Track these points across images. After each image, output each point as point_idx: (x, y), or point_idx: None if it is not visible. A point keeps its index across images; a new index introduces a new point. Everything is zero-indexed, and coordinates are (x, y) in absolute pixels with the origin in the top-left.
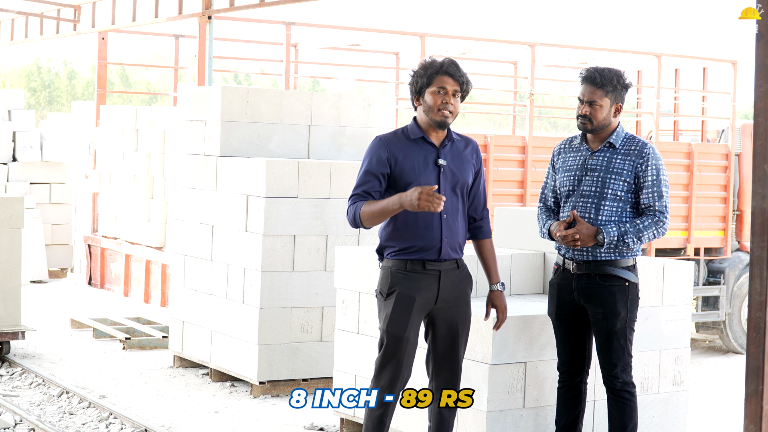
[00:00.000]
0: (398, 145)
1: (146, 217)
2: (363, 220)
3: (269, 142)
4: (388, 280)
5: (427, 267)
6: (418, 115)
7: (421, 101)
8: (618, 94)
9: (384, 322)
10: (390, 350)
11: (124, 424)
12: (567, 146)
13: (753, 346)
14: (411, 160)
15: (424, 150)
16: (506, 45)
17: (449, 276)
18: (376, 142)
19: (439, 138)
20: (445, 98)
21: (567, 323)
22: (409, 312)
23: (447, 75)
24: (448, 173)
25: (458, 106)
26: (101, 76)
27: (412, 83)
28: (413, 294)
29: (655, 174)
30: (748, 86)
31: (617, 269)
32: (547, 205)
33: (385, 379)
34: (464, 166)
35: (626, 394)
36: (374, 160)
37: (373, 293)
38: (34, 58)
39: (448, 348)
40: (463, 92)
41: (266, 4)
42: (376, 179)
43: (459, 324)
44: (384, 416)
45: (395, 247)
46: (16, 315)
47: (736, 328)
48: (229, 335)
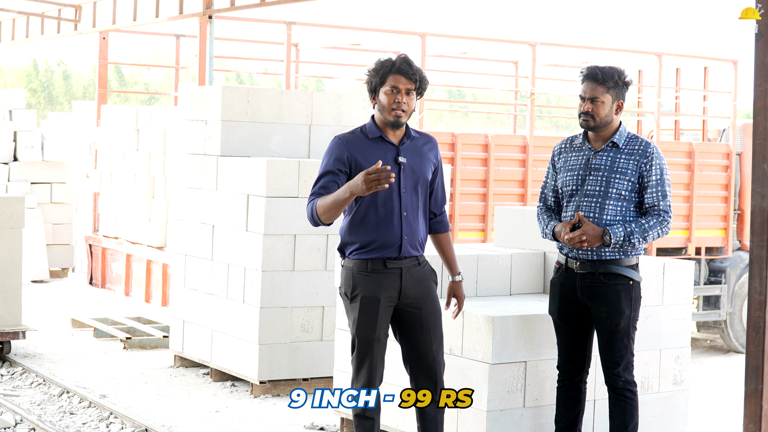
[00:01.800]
0: (357, 144)
1: (147, 217)
2: (319, 214)
3: (270, 142)
4: (350, 282)
5: (388, 265)
6: (375, 114)
7: (376, 100)
8: (619, 91)
9: (353, 326)
10: (363, 352)
11: (125, 424)
12: (568, 146)
13: (752, 345)
14: (370, 159)
15: (383, 148)
16: (507, 44)
17: (411, 273)
18: (335, 141)
19: (398, 136)
20: (397, 97)
21: (569, 322)
22: (375, 314)
23: (399, 74)
24: (408, 170)
25: (413, 104)
26: (102, 76)
27: (367, 82)
28: (376, 295)
29: (659, 173)
30: (748, 85)
31: (621, 268)
32: (548, 204)
33: (363, 379)
34: (424, 163)
35: (628, 393)
36: (333, 159)
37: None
38: (30, 58)
39: (421, 346)
40: (418, 89)
41: (267, 3)
42: (336, 177)
43: (428, 319)
44: (371, 412)
45: (356, 244)
46: (17, 315)
47: (737, 328)
48: (229, 335)
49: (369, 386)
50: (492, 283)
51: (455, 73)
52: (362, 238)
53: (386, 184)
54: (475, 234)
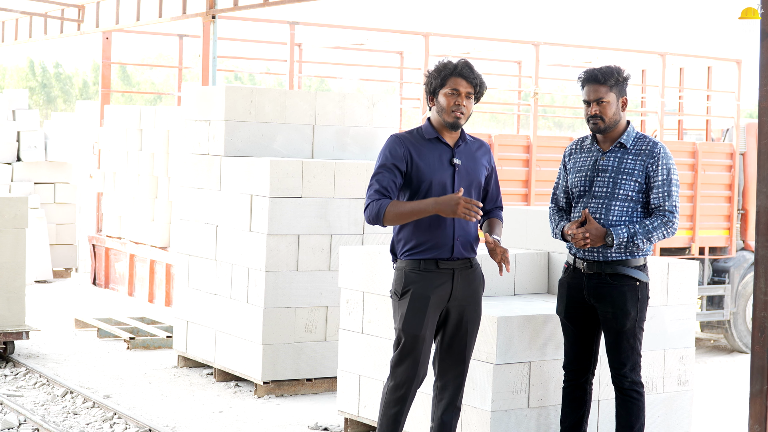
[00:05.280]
0: (414, 143)
1: (150, 217)
2: (387, 219)
3: (273, 142)
4: (402, 280)
5: (440, 266)
6: (432, 116)
7: (435, 102)
8: (621, 88)
9: (400, 322)
10: (407, 349)
11: (128, 424)
12: (578, 147)
13: (757, 345)
14: (426, 159)
15: (438, 149)
16: (510, 44)
17: (462, 275)
18: (392, 139)
19: (453, 138)
20: (457, 100)
21: (576, 322)
22: (424, 310)
23: (461, 77)
24: (463, 172)
25: (471, 108)
26: (105, 76)
27: (427, 84)
28: (427, 293)
29: (665, 174)
30: (752, 85)
31: (628, 269)
32: (559, 205)
33: (401, 376)
34: (477, 166)
35: (634, 394)
36: (391, 156)
37: (377, 293)
38: (26, 59)
39: (458, 347)
40: (476, 94)
41: (270, 3)
42: (393, 174)
43: (469, 323)
44: (399, 415)
45: (408, 245)
46: (21, 315)
47: (741, 328)
48: (233, 335)
49: (407, 383)
50: (496, 284)
51: None
52: (415, 239)
53: (474, 219)
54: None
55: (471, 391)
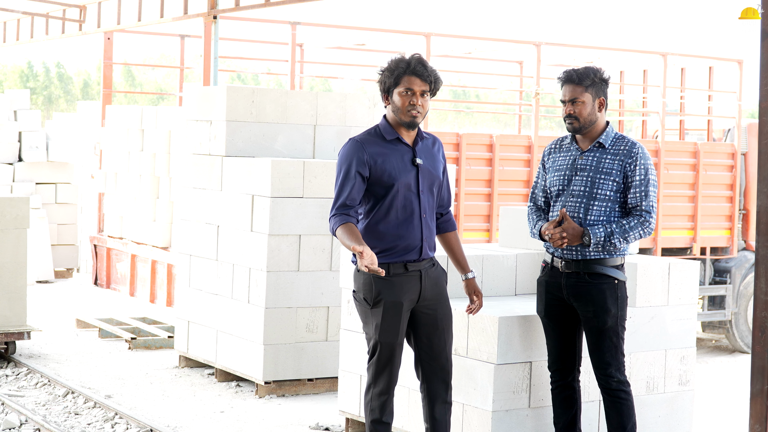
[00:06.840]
0: (375, 146)
1: (152, 217)
2: (338, 239)
3: (274, 142)
4: (371, 286)
5: (408, 268)
6: (388, 114)
7: (390, 101)
8: (598, 88)
9: (376, 332)
10: (384, 358)
11: (130, 424)
12: (557, 146)
13: (758, 345)
14: (390, 161)
15: (400, 150)
16: (512, 44)
17: (429, 274)
18: (352, 144)
19: (411, 137)
20: (412, 99)
21: (556, 321)
22: (398, 318)
23: (414, 75)
24: (425, 171)
25: (428, 105)
26: (107, 77)
27: (380, 82)
28: (400, 299)
29: (643, 173)
30: (754, 85)
31: (606, 268)
32: (538, 204)
33: (384, 383)
34: (435, 163)
35: (622, 394)
36: (354, 164)
37: None
38: (25, 59)
39: (437, 346)
40: (432, 90)
41: (271, 3)
42: (357, 184)
43: (444, 320)
44: (388, 417)
45: (376, 248)
46: (22, 315)
47: (743, 328)
48: (234, 335)
49: (388, 392)
50: (497, 284)
51: (460, 73)
52: (382, 242)
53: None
54: (479, 234)
55: (472, 391)
